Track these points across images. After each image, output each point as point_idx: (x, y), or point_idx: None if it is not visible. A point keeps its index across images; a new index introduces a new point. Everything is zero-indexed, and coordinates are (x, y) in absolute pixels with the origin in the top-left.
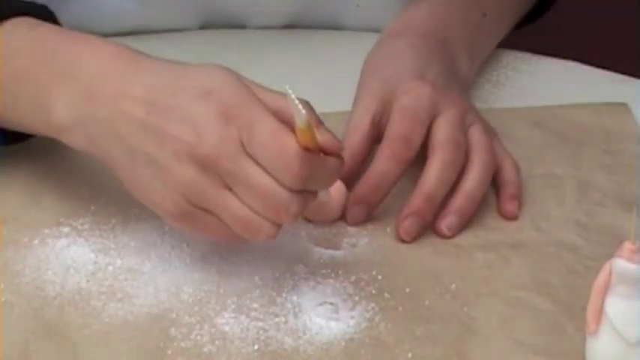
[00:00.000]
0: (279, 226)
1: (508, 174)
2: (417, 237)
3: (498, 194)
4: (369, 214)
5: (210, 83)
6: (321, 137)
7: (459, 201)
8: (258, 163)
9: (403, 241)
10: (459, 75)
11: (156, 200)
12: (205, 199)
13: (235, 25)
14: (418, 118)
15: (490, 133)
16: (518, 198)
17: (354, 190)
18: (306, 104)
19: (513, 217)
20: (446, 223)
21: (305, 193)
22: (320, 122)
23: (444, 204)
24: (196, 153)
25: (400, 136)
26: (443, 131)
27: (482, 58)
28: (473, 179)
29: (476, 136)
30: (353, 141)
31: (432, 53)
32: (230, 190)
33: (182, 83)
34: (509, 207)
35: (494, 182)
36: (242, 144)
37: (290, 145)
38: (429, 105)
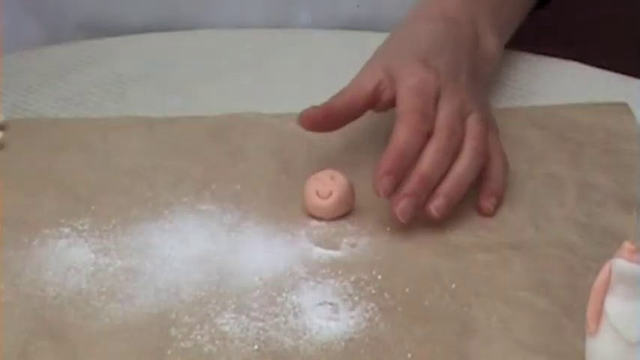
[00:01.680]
0: None
1: (494, 170)
2: (411, 217)
3: (480, 188)
4: (398, 182)
5: None
6: None
7: (447, 183)
8: None
9: (397, 220)
10: (485, 55)
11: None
12: None
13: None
14: (428, 96)
15: (489, 124)
16: (498, 196)
17: (379, 163)
18: None
19: (489, 214)
20: (434, 205)
21: None
22: None
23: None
24: None
25: (415, 110)
26: (441, 117)
27: (510, 34)
28: (462, 163)
29: (472, 124)
30: (353, 95)
31: (448, 38)
32: None
33: None
34: (486, 203)
35: (479, 176)
36: None
37: None
38: (434, 88)
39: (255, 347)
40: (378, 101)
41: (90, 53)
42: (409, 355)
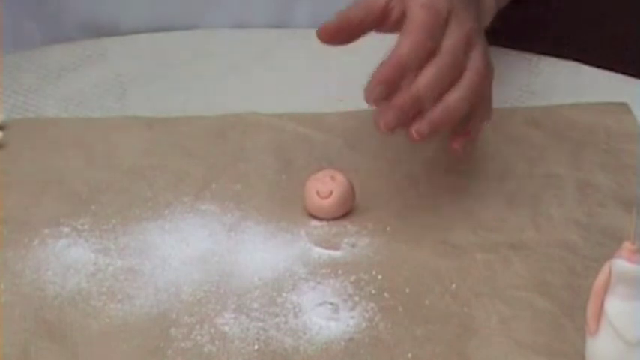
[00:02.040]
0: None
1: (477, 113)
2: (393, 128)
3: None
4: (390, 92)
5: None
6: None
7: (436, 110)
8: None
9: (380, 128)
10: (486, 4)
11: None
12: None
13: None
14: (438, 13)
15: (488, 62)
16: (471, 140)
17: (376, 70)
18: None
19: (455, 154)
20: (416, 127)
21: None
22: None
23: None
24: None
25: (423, 25)
26: (447, 41)
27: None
28: (456, 95)
29: (475, 57)
30: (361, 6)
31: None
32: None
33: None
34: (455, 144)
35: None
36: None
37: None
38: (445, 9)
39: (255, 347)
40: (387, 18)
41: (90, 53)
42: (409, 355)
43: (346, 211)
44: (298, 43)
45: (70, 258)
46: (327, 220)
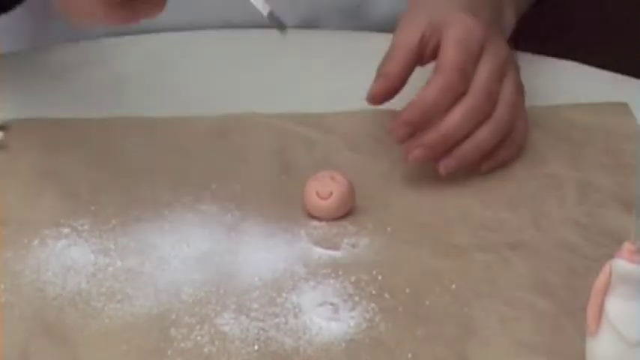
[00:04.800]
0: None
1: (516, 136)
2: (420, 164)
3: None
4: (413, 135)
5: None
6: None
7: (466, 146)
8: None
9: (406, 161)
10: (506, 22)
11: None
12: None
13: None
14: (472, 51)
15: (520, 87)
16: (496, 161)
17: (404, 110)
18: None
19: (485, 173)
20: (444, 163)
21: None
22: None
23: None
24: None
25: (456, 67)
26: (482, 75)
27: (521, 11)
28: (487, 130)
29: (508, 87)
30: (401, 52)
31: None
32: None
33: None
34: (486, 166)
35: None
36: None
37: None
38: (480, 39)
39: (255, 347)
40: (423, 55)
41: (90, 53)
42: (409, 355)
43: (346, 211)
44: (298, 43)
45: (69, 258)
46: (327, 220)
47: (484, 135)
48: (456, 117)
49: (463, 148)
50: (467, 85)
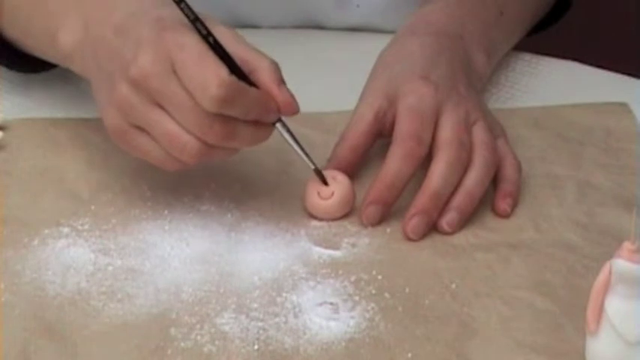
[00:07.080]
0: (203, 147)
1: (508, 171)
2: (423, 235)
3: (496, 190)
4: (385, 213)
5: (166, 12)
6: (281, 96)
7: (458, 198)
8: (183, 84)
9: (410, 240)
10: (475, 71)
11: (102, 115)
12: (136, 115)
13: (248, 25)
14: (426, 117)
15: (496, 130)
16: (514, 196)
17: (368, 191)
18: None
19: (505, 215)
20: (446, 220)
21: (229, 121)
22: (282, 82)
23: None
24: (129, 70)
25: (411, 135)
26: (447, 130)
27: (498, 55)
28: (473, 177)
29: (479, 134)
30: (355, 134)
31: (442, 51)
32: (161, 108)
33: (154, 12)
34: (502, 204)
35: (494, 179)
36: (172, 65)
37: (211, 67)
38: (434, 104)
39: (255, 347)
40: (382, 129)
41: None
42: (409, 354)
43: (347, 211)
44: (298, 43)
45: (69, 258)
46: (328, 220)
47: (471, 181)
48: (437, 172)
49: (456, 199)
50: (426, 147)
